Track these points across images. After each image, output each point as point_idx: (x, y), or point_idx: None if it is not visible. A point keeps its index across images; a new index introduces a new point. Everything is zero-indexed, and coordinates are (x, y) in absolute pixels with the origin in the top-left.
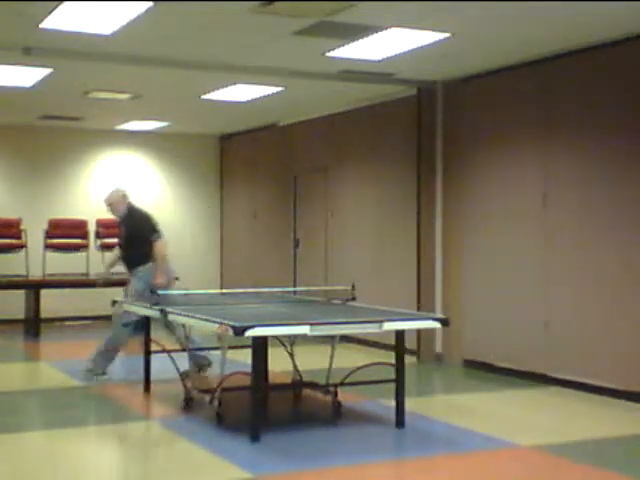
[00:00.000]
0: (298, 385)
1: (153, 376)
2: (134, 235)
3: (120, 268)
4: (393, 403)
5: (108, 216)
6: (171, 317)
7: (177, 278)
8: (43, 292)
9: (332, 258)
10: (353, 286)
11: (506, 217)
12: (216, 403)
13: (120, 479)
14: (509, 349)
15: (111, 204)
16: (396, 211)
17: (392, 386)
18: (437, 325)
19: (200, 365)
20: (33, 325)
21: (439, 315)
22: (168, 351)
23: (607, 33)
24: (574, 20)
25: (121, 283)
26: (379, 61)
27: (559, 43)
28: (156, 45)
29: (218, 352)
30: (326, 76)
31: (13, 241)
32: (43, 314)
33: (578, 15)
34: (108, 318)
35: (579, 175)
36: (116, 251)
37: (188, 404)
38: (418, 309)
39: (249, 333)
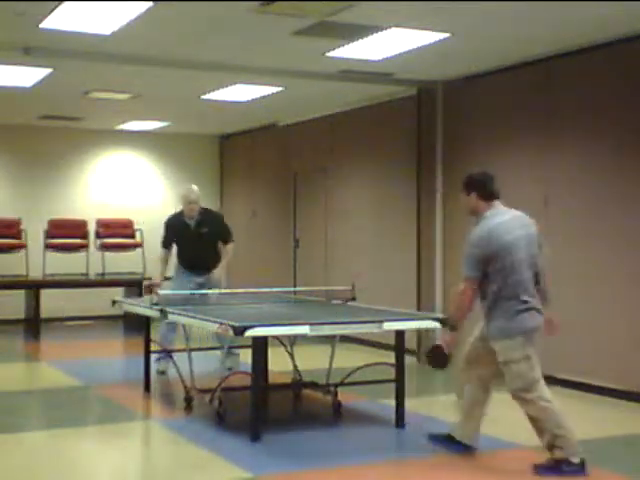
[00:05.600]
0: (298, 385)
1: (154, 376)
2: (217, 236)
3: (119, 268)
4: (393, 403)
5: (108, 216)
6: (171, 317)
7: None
8: (43, 292)
9: (332, 258)
10: (353, 286)
11: None
12: (216, 403)
13: (120, 479)
14: None
15: (196, 202)
16: (396, 211)
17: (392, 386)
18: (437, 325)
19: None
20: (33, 325)
21: (439, 315)
22: (168, 351)
23: (606, 33)
24: (574, 20)
25: (119, 283)
26: (379, 61)
27: (559, 43)
28: (156, 45)
29: (218, 352)
30: (326, 76)
31: (13, 241)
32: (43, 314)
33: (578, 15)
34: (108, 318)
35: (579, 175)
36: (164, 253)
37: (188, 404)
38: (418, 309)
39: (249, 333)
